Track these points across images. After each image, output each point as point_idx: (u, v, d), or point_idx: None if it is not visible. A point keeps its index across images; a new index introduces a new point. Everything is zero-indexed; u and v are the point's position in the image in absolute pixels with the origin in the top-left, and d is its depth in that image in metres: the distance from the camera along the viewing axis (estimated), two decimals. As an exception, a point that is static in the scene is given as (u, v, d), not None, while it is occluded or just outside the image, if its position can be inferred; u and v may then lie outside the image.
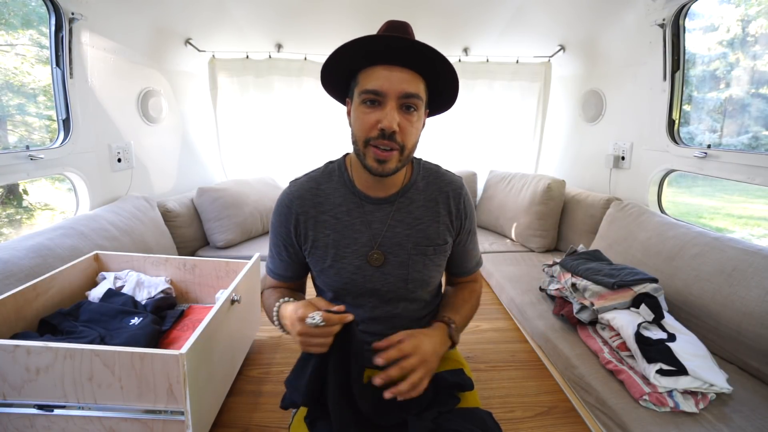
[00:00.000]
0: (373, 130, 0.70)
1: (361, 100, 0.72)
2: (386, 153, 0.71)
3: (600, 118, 2.40)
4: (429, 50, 0.68)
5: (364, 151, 0.73)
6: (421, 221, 0.83)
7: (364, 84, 0.71)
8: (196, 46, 2.38)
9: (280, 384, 1.30)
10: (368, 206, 0.82)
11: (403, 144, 0.72)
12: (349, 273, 0.81)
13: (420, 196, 0.84)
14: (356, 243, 0.81)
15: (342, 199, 0.82)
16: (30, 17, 1.66)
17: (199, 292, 1.51)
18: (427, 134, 2.70)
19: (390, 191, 0.82)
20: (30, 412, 0.87)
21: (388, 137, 0.69)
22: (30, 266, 1.25)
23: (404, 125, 0.71)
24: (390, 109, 0.69)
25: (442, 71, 0.72)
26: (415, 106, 0.72)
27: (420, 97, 0.72)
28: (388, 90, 0.69)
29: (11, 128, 1.63)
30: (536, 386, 1.31)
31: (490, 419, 0.76)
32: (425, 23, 2.38)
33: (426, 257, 0.83)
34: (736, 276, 1.25)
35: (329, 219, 0.81)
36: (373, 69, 0.71)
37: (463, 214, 0.87)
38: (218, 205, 2.26)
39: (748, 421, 0.98)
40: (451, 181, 0.87)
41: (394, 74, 0.69)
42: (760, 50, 1.61)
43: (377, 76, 0.70)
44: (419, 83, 0.72)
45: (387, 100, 0.69)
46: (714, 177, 1.65)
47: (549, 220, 2.31)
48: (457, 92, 0.79)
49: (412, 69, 0.71)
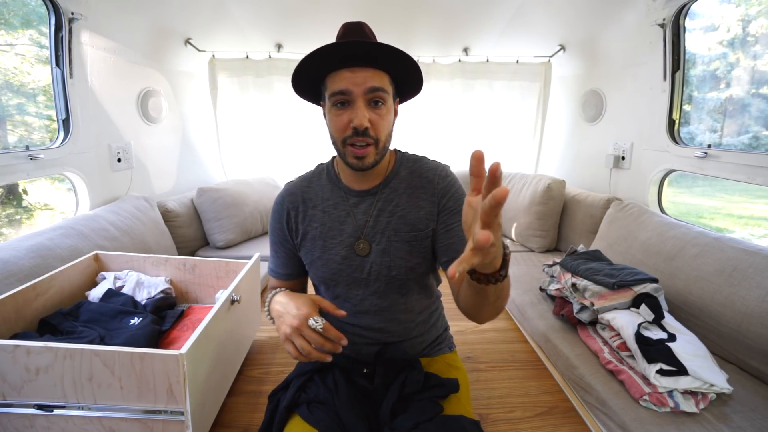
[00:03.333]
0: (347, 129, 0.75)
1: (332, 102, 0.76)
2: (363, 149, 0.75)
3: (600, 118, 2.40)
4: (386, 48, 0.72)
5: (343, 151, 0.78)
6: (401, 208, 0.84)
7: (332, 87, 0.75)
8: (196, 46, 2.38)
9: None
10: (353, 199, 0.86)
11: (377, 137, 0.76)
12: (336, 263, 0.84)
13: (402, 184, 0.86)
14: (342, 234, 0.85)
15: (330, 194, 0.87)
16: (30, 17, 1.66)
17: (199, 292, 1.51)
18: (427, 134, 2.72)
19: (373, 183, 0.86)
20: (30, 413, 0.87)
21: (361, 134, 0.74)
22: (30, 266, 1.25)
23: (375, 119, 0.75)
24: (359, 107, 0.73)
25: (401, 61, 0.76)
26: (382, 100, 0.76)
27: (385, 90, 0.76)
28: (353, 89, 0.73)
29: (11, 128, 1.63)
30: (536, 386, 1.31)
31: (474, 428, 0.74)
32: (425, 23, 2.38)
33: (408, 243, 0.84)
34: (736, 276, 1.25)
35: (318, 213, 0.87)
36: (338, 72, 0.75)
37: (440, 193, 0.84)
38: (218, 205, 2.26)
39: (749, 421, 0.98)
40: (433, 168, 0.88)
41: (357, 74, 0.74)
42: (760, 50, 1.61)
43: (342, 77, 0.74)
44: (382, 77, 0.76)
45: (355, 99, 0.74)
46: (714, 177, 1.65)
47: (549, 220, 2.31)
48: (420, 77, 0.82)
49: (373, 66, 0.75)
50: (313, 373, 0.86)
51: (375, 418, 0.79)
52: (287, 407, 0.79)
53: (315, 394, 0.81)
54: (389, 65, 0.77)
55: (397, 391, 0.80)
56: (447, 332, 1.04)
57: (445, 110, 2.76)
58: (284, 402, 0.80)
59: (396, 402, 0.79)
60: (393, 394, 0.79)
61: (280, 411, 0.79)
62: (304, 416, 0.76)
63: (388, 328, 0.89)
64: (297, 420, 0.77)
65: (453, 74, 2.68)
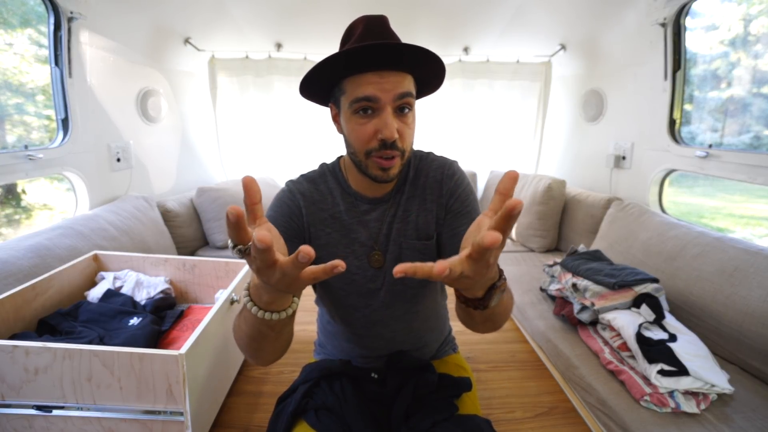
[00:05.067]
0: (373, 140, 0.67)
1: (354, 110, 0.67)
2: (389, 161, 0.68)
3: (601, 118, 2.40)
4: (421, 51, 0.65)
5: (366, 163, 0.70)
6: (412, 214, 0.79)
7: (354, 92, 0.66)
8: (196, 45, 2.37)
9: (280, 384, 1.29)
10: (364, 206, 0.80)
11: (404, 149, 0.69)
12: (350, 274, 0.79)
13: (411, 187, 0.80)
14: (355, 243, 0.79)
15: (339, 199, 0.80)
16: (28, 16, 1.65)
17: (198, 292, 1.51)
18: (427, 134, 2.71)
19: (386, 190, 0.80)
20: (28, 413, 0.86)
21: (390, 146, 0.66)
22: (29, 266, 1.25)
23: (402, 129, 0.68)
24: (387, 116, 0.65)
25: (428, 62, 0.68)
26: (409, 106, 0.69)
27: (413, 94, 0.69)
28: (382, 96, 0.65)
29: (9, 128, 1.62)
30: (536, 386, 1.30)
31: (488, 427, 0.74)
32: (425, 23, 2.37)
33: (420, 252, 0.79)
34: (737, 276, 1.25)
35: (328, 218, 0.79)
36: (362, 76, 0.65)
37: (448, 194, 0.79)
38: (218, 205, 2.25)
39: (750, 421, 0.97)
40: (440, 166, 0.81)
41: (385, 78, 0.65)
42: (761, 49, 1.60)
43: (368, 82, 0.65)
44: (410, 81, 0.69)
45: (383, 106, 0.65)
46: (715, 177, 1.65)
47: (549, 220, 2.31)
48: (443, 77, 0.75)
49: (400, 69, 0.67)
50: (319, 379, 0.84)
51: (386, 423, 0.77)
52: (293, 413, 0.77)
53: (323, 401, 0.78)
54: (414, 66, 0.69)
55: (411, 393, 0.79)
56: (451, 334, 1.04)
57: (446, 110, 2.76)
58: (290, 407, 0.77)
59: (410, 404, 0.78)
60: (406, 397, 0.78)
61: (286, 416, 0.76)
62: (312, 423, 0.74)
63: (399, 338, 0.86)
64: (303, 426, 0.75)
65: (453, 74, 2.68)
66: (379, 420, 0.77)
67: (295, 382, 0.86)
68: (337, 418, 0.75)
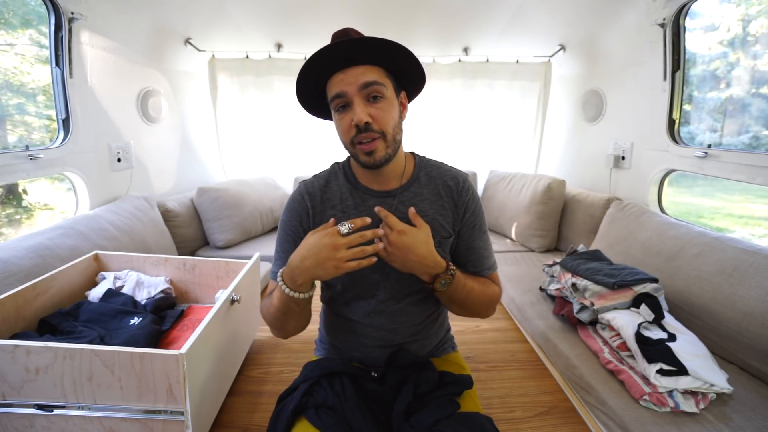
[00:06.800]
0: (351, 129, 0.75)
1: (334, 109, 0.77)
2: (370, 144, 0.74)
3: (600, 118, 2.40)
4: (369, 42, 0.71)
5: (354, 152, 0.78)
6: (426, 214, 0.83)
7: (330, 93, 0.77)
8: (196, 45, 2.38)
9: (280, 384, 1.30)
10: (372, 200, 0.84)
11: (383, 130, 0.75)
12: None
13: (424, 189, 0.86)
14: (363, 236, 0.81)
15: (348, 194, 0.85)
16: (29, 16, 1.66)
17: (198, 292, 1.51)
18: (427, 134, 2.72)
19: (392, 185, 0.85)
20: (29, 412, 0.86)
21: (365, 130, 0.73)
22: (29, 266, 1.25)
23: (375, 113, 0.74)
24: (356, 105, 0.73)
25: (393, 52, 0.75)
26: (380, 93, 0.75)
27: (380, 83, 0.74)
28: (347, 89, 0.73)
29: (10, 128, 1.63)
30: (536, 386, 1.31)
31: (490, 425, 0.75)
32: (425, 23, 2.37)
33: None
34: (736, 276, 1.25)
35: (337, 213, 0.84)
36: (331, 78, 0.76)
37: (464, 207, 0.86)
38: (218, 205, 2.26)
39: (749, 421, 0.97)
40: (455, 176, 0.88)
41: (348, 73, 0.74)
42: (760, 50, 1.61)
43: (336, 81, 0.75)
44: (376, 71, 0.75)
45: (351, 98, 0.74)
46: (714, 177, 1.65)
47: (549, 220, 2.31)
48: (417, 64, 0.80)
49: (366, 63, 0.74)
50: (319, 377, 0.85)
51: (386, 421, 0.78)
52: (294, 411, 0.78)
53: (323, 399, 0.79)
54: (383, 59, 0.76)
55: (411, 391, 0.80)
56: (449, 333, 1.04)
57: (445, 110, 2.76)
58: (291, 405, 0.79)
59: (411, 401, 0.78)
60: (407, 394, 0.79)
61: (287, 414, 0.77)
62: (312, 420, 0.75)
63: (399, 330, 0.88)
64: (304, 423, 0.76)
65: (453, 74, 2.68)
66: (380, 418, 0.78)
67: (296, 380, 0.87)
68: (337, 416, 0.76)
